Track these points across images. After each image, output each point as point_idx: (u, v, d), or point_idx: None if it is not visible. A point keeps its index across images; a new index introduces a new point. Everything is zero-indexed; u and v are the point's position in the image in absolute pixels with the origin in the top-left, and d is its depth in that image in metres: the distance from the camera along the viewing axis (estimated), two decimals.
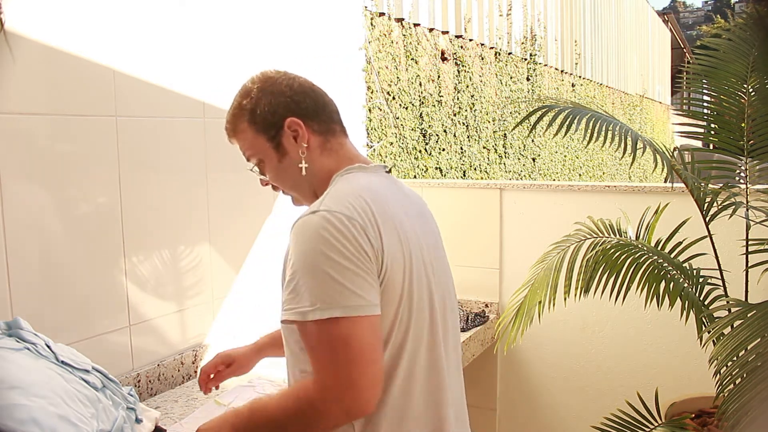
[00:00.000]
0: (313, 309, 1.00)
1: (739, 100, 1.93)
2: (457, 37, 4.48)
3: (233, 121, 1.23)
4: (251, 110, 1.19)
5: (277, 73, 1.23)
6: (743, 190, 1.92)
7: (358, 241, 1.02)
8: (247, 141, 1.22)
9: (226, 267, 2.11)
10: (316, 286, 1.01)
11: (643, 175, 10.83)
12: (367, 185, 1.13)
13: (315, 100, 1.21)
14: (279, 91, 1.19)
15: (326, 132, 1.21)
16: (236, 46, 2.13)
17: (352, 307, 1.00)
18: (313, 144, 1.19)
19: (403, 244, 1.10)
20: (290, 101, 1.18)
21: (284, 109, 1.18)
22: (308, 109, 1.19)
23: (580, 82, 7.78)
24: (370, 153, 3.23)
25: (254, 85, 1.21)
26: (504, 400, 2.72)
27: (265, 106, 1.18)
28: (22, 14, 1.50)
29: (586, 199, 2.47)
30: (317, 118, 1.20)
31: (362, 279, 1.02)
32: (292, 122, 1.17)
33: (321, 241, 1.01)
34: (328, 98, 1.24)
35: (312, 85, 1.23)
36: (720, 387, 1.52)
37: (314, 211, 1.05)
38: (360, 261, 1.02)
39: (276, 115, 1.18)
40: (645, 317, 2.40)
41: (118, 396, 1.38)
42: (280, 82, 1.20)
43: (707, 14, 60.77)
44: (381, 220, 1.07)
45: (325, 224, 1.02)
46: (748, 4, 2.78)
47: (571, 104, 1.95)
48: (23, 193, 1.52)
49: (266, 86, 1.20)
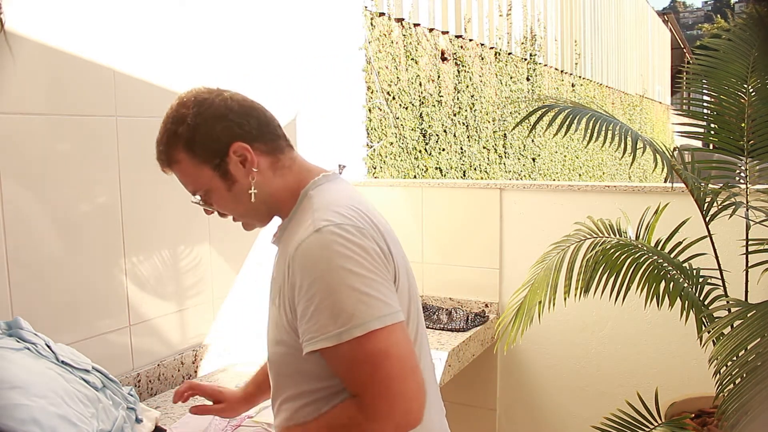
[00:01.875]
0: (347, 328, 0.94)
1: (739, 100, 1.93)
2: (457, 37, 4.48)
3: (168, 152, 1.11)
4: (189, 138, 1.08)
5: (210, 92, 1.11)
6: (743, 190, 1.92)
7: (373, 248, 1.00)
8: (188, 172, 1.11)
9: (226, 267, 2.11)
10: (344, 304, 0.95)
11: (643, 175, 10.84)
12: (347, 193, 1.10)
13: (258, 119, 1.11)
14: (219, 114, 1.08)
15: (274, 150, 1.12)
16: (236, 46, 2.13)
17: (386, 316, 0.96)
18: (263, 166, 1.10)
19: (398, 246, 1.11)
20: (232, 124, 1.08)
21: (227, 134, 1.08)
22: (252, 130, 1.10)
23: (580, 82, 7.78)
24: (370, 153, 3.23)
25: (189, 110, 1.09)
26: (504, 400, 2.72)
27: (204, 132, 1.08)
28: (22, 14, 1.50)
29: (586, 199, 2.47)
30: (263, 138, 1.11)
31: (385, 287, 0.99)
32: (238, 147, 1.08)
33: (337, 256, 0.96)
34: (268, 113, 1.15)
35: (251, 102, 1.14)
36: (720, 387, 1.52)
37: (316, 229, 0.99)
38: (378, 268, 0.99)
39: (219, 142, 1.08)
40: (645, 317, 2.40)
41: (118, 396, 1.38)
42: (218, 104, 1.09)
43: (707, 14, 60.78)
44: (377, 225, 1.06)
45: (337, 239, 0.97)
46: (748, 4, 2.78)
47: (571, 104, 1.95)
48: (23, 192, 1.52)
49: (203, 110, 1.08)
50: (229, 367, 2.03)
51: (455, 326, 2.41)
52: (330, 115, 2.70)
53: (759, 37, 1.94)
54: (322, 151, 2.68)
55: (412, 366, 0.98)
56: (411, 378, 0.97)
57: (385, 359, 0.95)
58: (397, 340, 0.97)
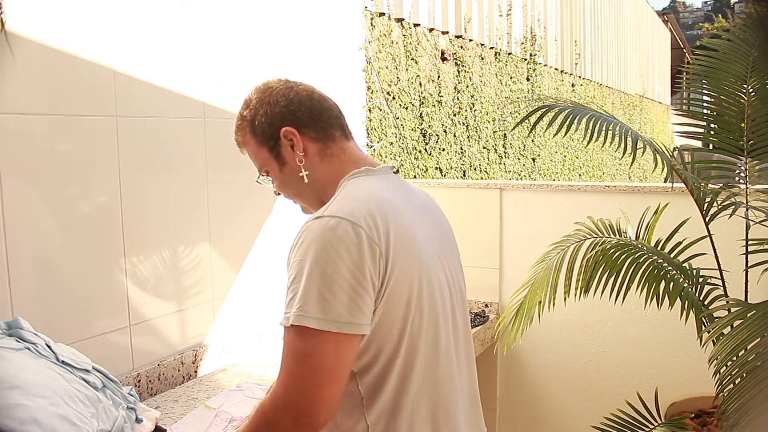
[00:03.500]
0: (289, 315, 0.99)
1: (738, 101, 1.93)
2: (457, 37, 4.48)
3: (239, 133, 1.25)
4: (251, 121, 1.21)
5: (278, 82, 1.23)
6: (743, 190, 1.92)
7: (359, 249, 1.00)
8: (253, 152, 1.24)
9: (226, 267, 2.11)
10: (301, 293, 0.99)
11: (643, 175, 10.83)
12: (374, 189, 1.11)
13: (310, 108, 1.20)
14: (275, 101, 1.19)
15: (325, 138, 1.20)
16: (236, 46, 2.13)
17: (327, 321, 0.97)
18: (311, 151, 1.19)
19: (412, 247, 1.08)
20: (285, 111, 1.19)
21: (280, 119, 1.19)
22: (303, 117, 1.19)
23: (580, 82, 7.79)
24: (370, 153, 3.24)
25: (253, 96, 1.22)
26: (504, 400, 2.72)
27: (262, 117, 1.20)
28: (22, 14, 1.50)
29: (586, 199, 2.47)
30: (313, 125, 1.19)
31: (348, 295, 0.98)
32: (287, 131, 1.18)
33: (318, 249, 0.99)
34: (328, 104, 1.23)
35: (311, 93, 1.23)
36: (719, 387, 1.52)
37: (318, 216, 1.04)
38: (354, 274, 0.99)
39: (272, 126, 1.19)
40: (645, 317, 2.40)
41: (118, 396, 1.38)
42: (278, 92, 1.20)
43: (707, 14, 60.78)
44: (387, 224, 1.04)
45: (327, 233, 1.00)
46: (748, 5, 2.78)
47: (571, 104, 1.95)
48: (23, 193, 1.52)
49: (264, 97, 1.21)
50: (229, 367, 2.03)
51: None
52: None
53: (759, 37, 1.94)
54: None
55: (330, 380, 0.98)
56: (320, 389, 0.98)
57: (304, 358, 0.98)
58: (324, 349, 0.98)
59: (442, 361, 1.12)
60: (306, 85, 1.24)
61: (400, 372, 1.06)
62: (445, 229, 1.26)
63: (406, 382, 1.07)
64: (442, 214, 1.29)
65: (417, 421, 1.08)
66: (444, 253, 1.20)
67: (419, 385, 1.08)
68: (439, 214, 1.27)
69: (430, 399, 1.10)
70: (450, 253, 1.24)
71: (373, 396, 1.06)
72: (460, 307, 1.22)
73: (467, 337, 1.23)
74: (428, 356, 1.10)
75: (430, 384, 1.10)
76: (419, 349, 1.08)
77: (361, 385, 1.07)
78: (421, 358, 1.08)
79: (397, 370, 1.06)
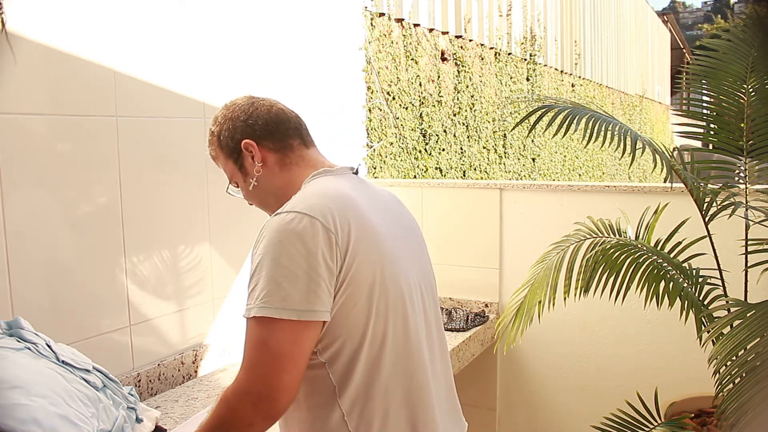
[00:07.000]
0: (250, 307, 1.04)
1: (738, 101, 1.93)
2: (457, 38, 4.48)
3: (210, 147, 1.33)
4: (218, 136, 1.30)
5: (243, 99, 1.31)
6: (742, 190, 1.92)
7: (313, 238, 1.04)
8: (222, 165, 1.32)
9: (226, 267, 2.11)
10: (260, 285, 1.04)
11: (642, 175, 10.84)
12: (332, 186, 1.17)
13: (267, 121, 1.27)
14: (236, 117, 1.28)
15: (283, 148, 1.27)
16: (236, 47, 2.13)
17: (285, 310, 1.02)
18: (271, 161, 1.26)
19: (372, 238, 1.11)
20: (244, 125, 1.26)
21: (240, 133, 1.26)
22: (261, 130, 1.26)
23: (580, 82, 7.79)
24: (370, 153, 3.24)
25: (220, 113, 1.31)
26: (504, 400, 2.72)
27: (225, 131, 1.28)
28: (22, 14, 1.50)
29: (586, 199, 2.48)
30: (271, 137, 1.26)
31: (306, 284, 1.03)
32: (247, 144, 1.25)
33: (275, 242, 1.05)
34: (286, 116, 1.30)
35: (270, 107, 1.29)
36: (719, 386, 1.52)
37: (277, 213, 1.09)
38: (310, 263, 1.03)
39: (234, 140, 1.27)
40: (645, 317, 2.40)
41: (118, 396, 1.39)
42: (240, 108, 1.28)
43: (707, 14, 60.77)
44: (345, 215, 1.09)
45: (284, 226, 1.05)
46: (748, 5, 2.78)
47: (571, 104, 1.95)
48: (23, 192, 1.52)
49: (228, 113, 1.29)
50: (229, 367, 2.03)
51: (455, 326, 2.42)
52: (330, 115, 2.70)
53: (758, 37, 1.94)
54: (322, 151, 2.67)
55: (290, 366, 1.02)
56: (280, 374, 1.02)
57: (265, 346, 1.02)
58: (283, 336, 1.02)
59: (414, 351, 1.15)
60: (269, 99, 1.32)
61: (368, 359, 1.10)
62: (410, 225, 1.30)
63: (375, 369, 1.10)
64: (408, 212, 1.33)
65: (392, 407, 1.11)
66: (409, 247, 1.23)
67: (389, 372, 1.11)
68: (403, 211, 1.31)
69: (404, 387, 1.13)
70: (416, 247, 1.27)
71: (344, 383, 1.10)
72: (431, 300, 1.26)
73: (439, 329, 1.28)
74: (397, 345, 1.12)
75: (403, 372, 1.13)
76: (387, 338, 1.11)
77: (332, 374, 1.10)
78: (389, 347, 1.11)
79: (364, 357, 1.09)
